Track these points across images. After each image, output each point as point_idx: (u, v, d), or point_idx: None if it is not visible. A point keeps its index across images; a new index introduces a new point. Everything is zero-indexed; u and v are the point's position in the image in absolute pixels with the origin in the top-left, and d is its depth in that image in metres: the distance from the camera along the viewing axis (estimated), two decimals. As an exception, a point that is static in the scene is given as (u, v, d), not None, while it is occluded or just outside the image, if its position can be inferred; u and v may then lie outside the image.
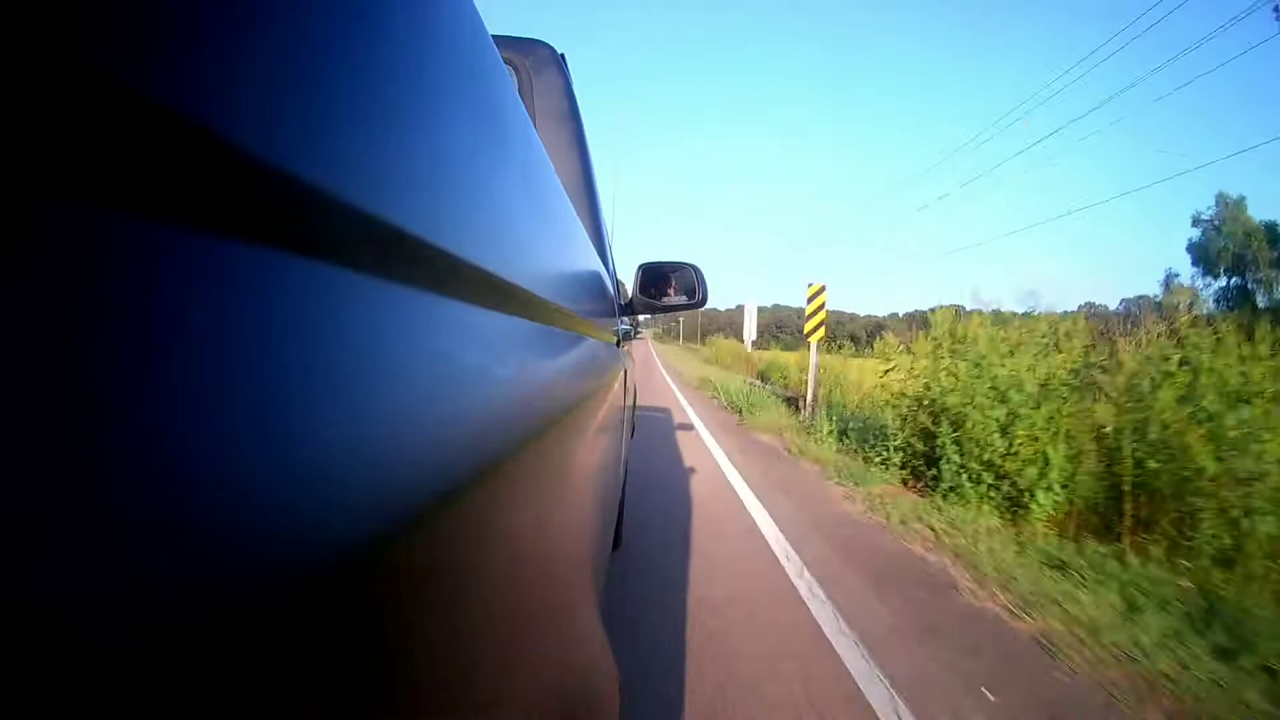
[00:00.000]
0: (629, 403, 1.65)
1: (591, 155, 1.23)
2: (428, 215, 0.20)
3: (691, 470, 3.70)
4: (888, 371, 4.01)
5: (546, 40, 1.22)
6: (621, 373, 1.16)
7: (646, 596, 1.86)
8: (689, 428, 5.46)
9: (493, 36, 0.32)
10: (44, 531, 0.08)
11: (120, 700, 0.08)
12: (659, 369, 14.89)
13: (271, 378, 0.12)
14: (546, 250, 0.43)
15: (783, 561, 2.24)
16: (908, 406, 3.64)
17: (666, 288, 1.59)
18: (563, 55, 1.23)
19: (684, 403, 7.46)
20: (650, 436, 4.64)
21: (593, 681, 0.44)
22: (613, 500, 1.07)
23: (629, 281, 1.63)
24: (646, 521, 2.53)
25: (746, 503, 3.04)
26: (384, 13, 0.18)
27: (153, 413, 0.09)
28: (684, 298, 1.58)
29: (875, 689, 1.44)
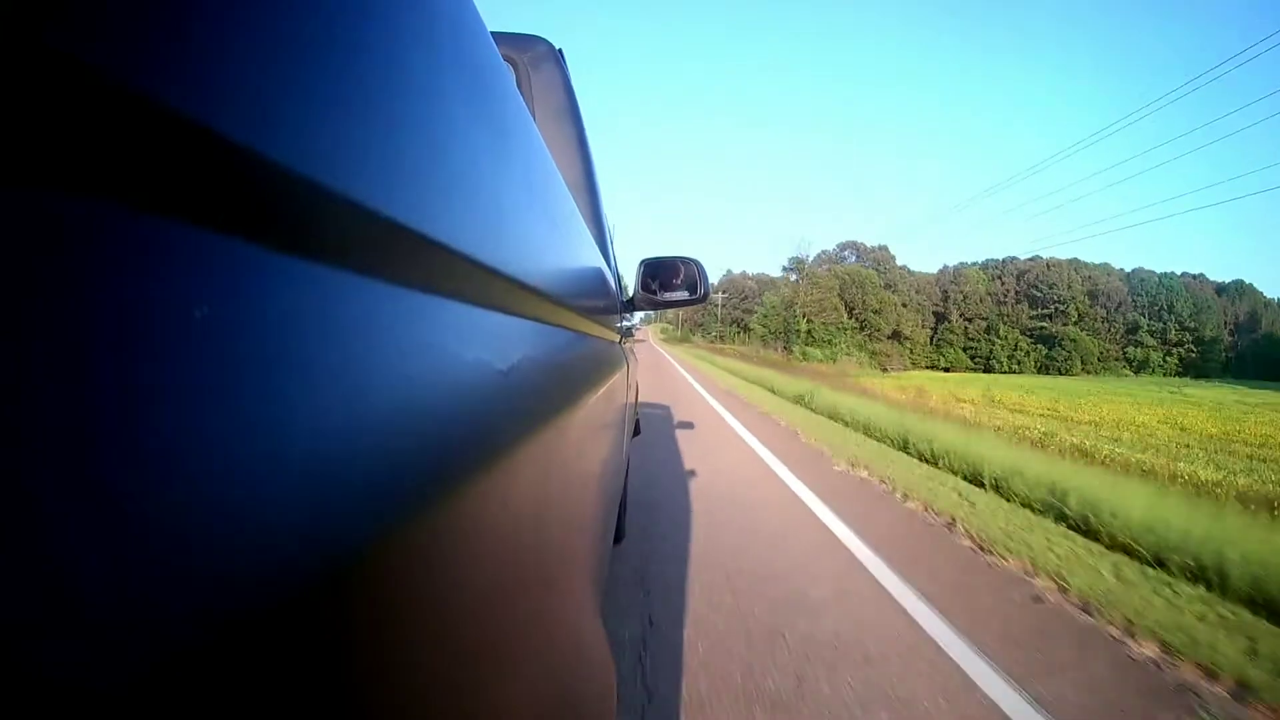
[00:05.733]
0: (631, 399, 1.65)
1: (592, 150, 1.23)
2: (429, 213, 0.20)
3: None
4: None
5: (544, 36, 1.22)
6: (623, 369, 1.16)
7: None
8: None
9: (491, 33, 0.32)
10: (43, 530, 0.08)
11: (121, 700, 0.08)
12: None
13: (271, 375, 0.12)
14: (548, 247, 0.43)
15: None
16: None
17: (668, 283, 1.59)
18: (561, 50, 1.23)
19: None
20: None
21: (589, 676, 0.44)
22: (614, 496, 1.07)
23: (630, 277, 1.62)
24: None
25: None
26: (382, 10, 0.18)
27: (150, 410, 0.09)
28: (685, 293, 1.58)
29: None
